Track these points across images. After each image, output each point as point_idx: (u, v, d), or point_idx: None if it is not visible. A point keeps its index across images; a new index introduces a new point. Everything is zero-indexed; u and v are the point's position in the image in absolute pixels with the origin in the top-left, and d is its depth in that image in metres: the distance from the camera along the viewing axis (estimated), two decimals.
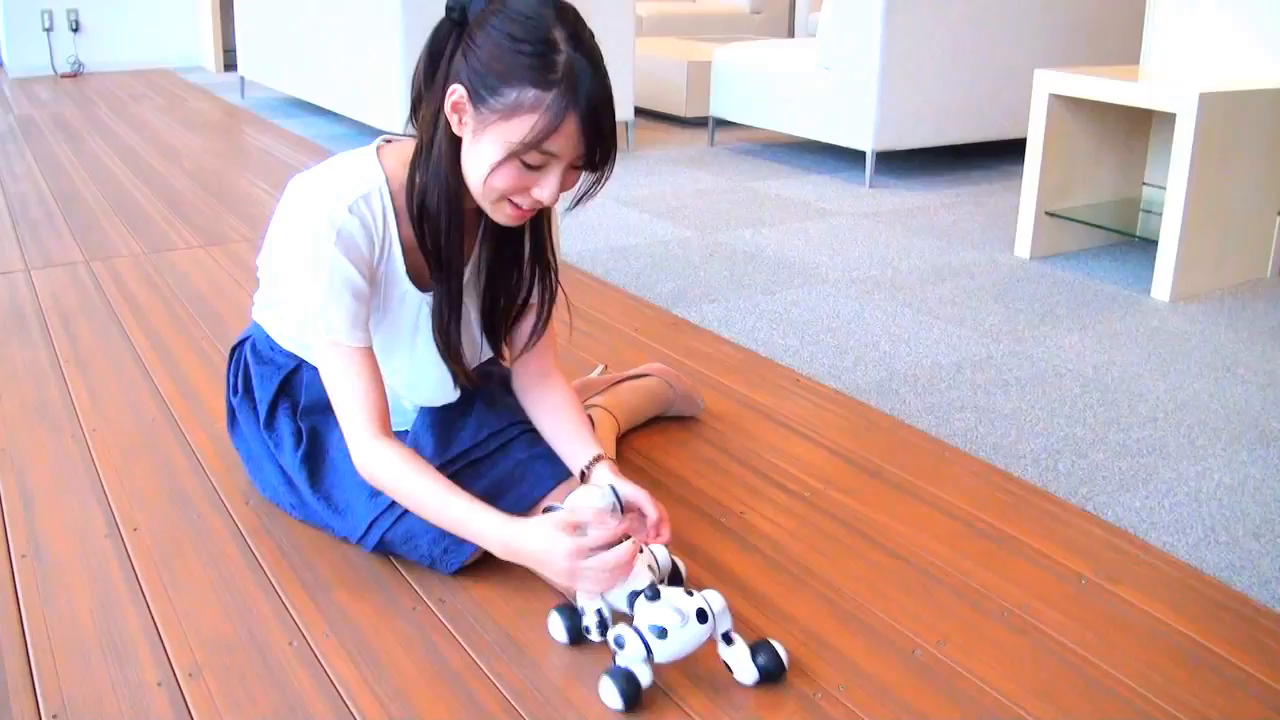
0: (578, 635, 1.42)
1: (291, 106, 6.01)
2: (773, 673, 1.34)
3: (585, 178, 1.46)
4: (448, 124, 1.42)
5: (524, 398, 1.70)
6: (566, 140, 1.37)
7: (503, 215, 1.47)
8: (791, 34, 8.14)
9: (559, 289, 1.64)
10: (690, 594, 1.33)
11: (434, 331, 1.56)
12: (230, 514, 1.73)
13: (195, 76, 7.32)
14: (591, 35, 1.39)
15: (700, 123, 5.66)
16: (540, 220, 1.58)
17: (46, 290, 2.80)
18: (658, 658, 1.30)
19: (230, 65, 7.28)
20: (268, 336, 1.72)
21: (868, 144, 4.29)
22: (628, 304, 2.81)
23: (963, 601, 1.54)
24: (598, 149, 1.40)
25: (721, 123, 5.20)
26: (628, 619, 1.34)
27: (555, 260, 1.63)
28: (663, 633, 1.29)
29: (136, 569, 1.57)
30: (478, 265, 1.60)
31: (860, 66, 4.21)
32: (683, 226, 3.69)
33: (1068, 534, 1.73)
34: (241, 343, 1.79)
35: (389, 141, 1.55)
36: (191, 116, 5.69)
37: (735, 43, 5.13)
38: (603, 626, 1.38)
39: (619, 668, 1.30)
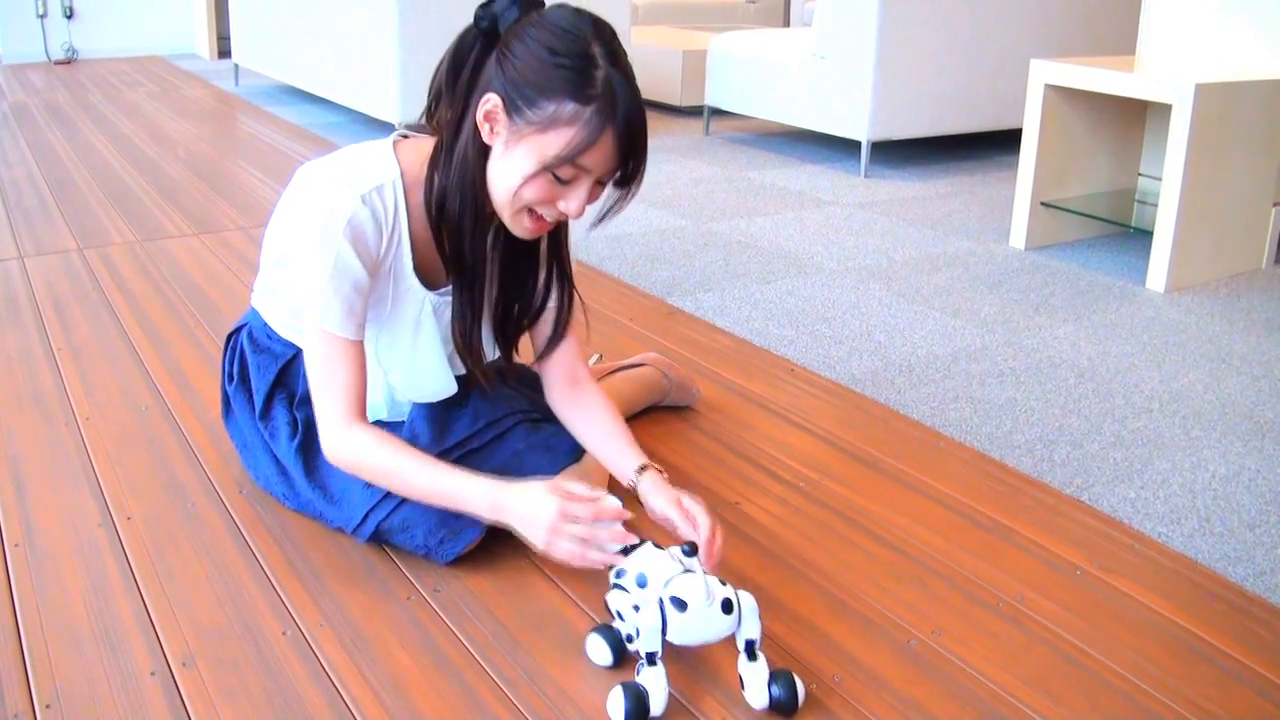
0: (621, 653, 1.35)
1: (286, 94, 5.99)
2: (784, 706, 1.28)
3: (611, 193, 1.46)
4: (475, 130, 1.42)
5: (559, 408, 1.68)
6: (601, 155, 1.38)
7: (521, 227, 1.47)
8: (787, 23, 8.13)
9: (577, 297, 1.64)
10: (723, 584, 1.29)
11: (454, 335, 1.57)
12: (224, 503, 1.72)
13: (189, 63, 7.29)
14: (626, 53, 1.40)
15: (696, 112, 5.65)
16: (558, 229, 1.58)
17: (40, 278, 2.79)
18: (673, 636, 1.25)
19: (225, 52, 7.25)
20: (265, 324, 1.72)
21: (863, 134, 4.28)
22: (623, 293, 2.81)
23: (957, 592, 1.54)
24: (630, 164, 1.41)
25: (717, 112, 5.19)
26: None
27: (571, 269, 1.63)
28: (682, 605, 1.25)
29: (130, 558, 1.57)
30: (492, 271, 1.59)
31: (856, 56, 4.20)
32: (678, 216, 3.69)
33: (1062, 524, 1.74)
34: (237, 330, 1.78)
35: (406, 136, 1.54)
36: (185, 104, 5.67)
37: (731, 32, 5.12)
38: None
39: (634, 683, 1.25)
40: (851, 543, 1.67)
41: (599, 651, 1.37)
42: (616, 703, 1.26)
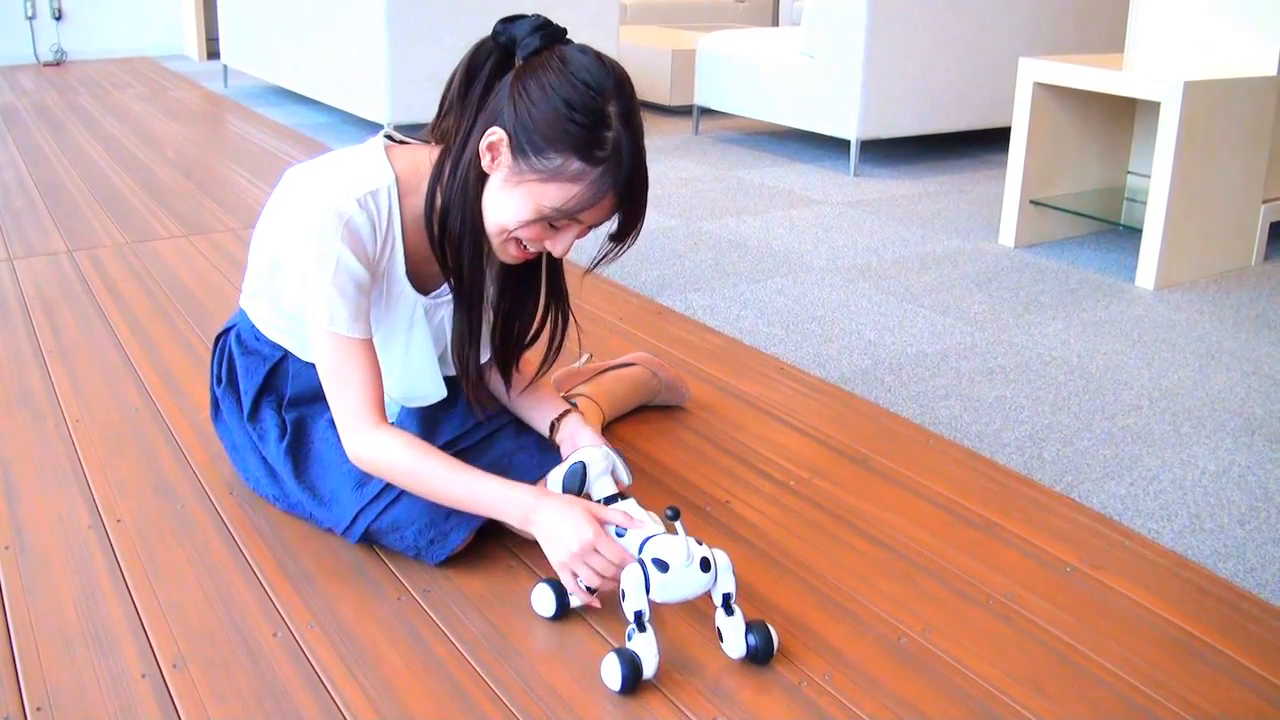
0: (565, 608, 1.43)
1: (275, 95, 5.98)
2: (760, 654, 1.35)
3: (606, 241, 1.47)
4: (477, 155, 1.41)
5: (512, 402, 1.70)
6: (599, 212, 1.40)
7: (506, 254, 1.48)
8: (776, 22, 8.13)
9: (571, 319, 1.64)
10: (699, 543, 1.34)
11: (453, 355, 1.58)
12: (214, 505, 1.72)
13: (178, 65, 7.27)
14: (639, 110, 1.40)
15: (685, 111, 5.65)
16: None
17: (29, 280, 2.78)
18: (655, 595, 1.30)
19: (213, 53, 7.24)
20: (253, 326, 1.71)
21: (852, 132, 4.29)
22: (612, 293, 2.81)
23: (948, 589, 1.55)
24: (627, 222, 1.42)
25: (706, 111, 5.19)
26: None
27: (567, 290, 1.64)
28: (664, 566, 1.30)
29: (120, 560, 1.57)
30: (492, 292, 1.59)
31: (845, 55, 4.21)
32: (667, 215, 3.69)
33: (1053, 522, 1.74)
34: (226, 332, 1.77)
35: (391, 137, 1.53)
36: (174, 105, 5.65)
37: (719, 31, 5.13)
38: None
39: (627, 649, 1.30)
40: (842, 541, 1.67)
41: (544, 602, 1.44)
42: (611, 668, 1.30)
